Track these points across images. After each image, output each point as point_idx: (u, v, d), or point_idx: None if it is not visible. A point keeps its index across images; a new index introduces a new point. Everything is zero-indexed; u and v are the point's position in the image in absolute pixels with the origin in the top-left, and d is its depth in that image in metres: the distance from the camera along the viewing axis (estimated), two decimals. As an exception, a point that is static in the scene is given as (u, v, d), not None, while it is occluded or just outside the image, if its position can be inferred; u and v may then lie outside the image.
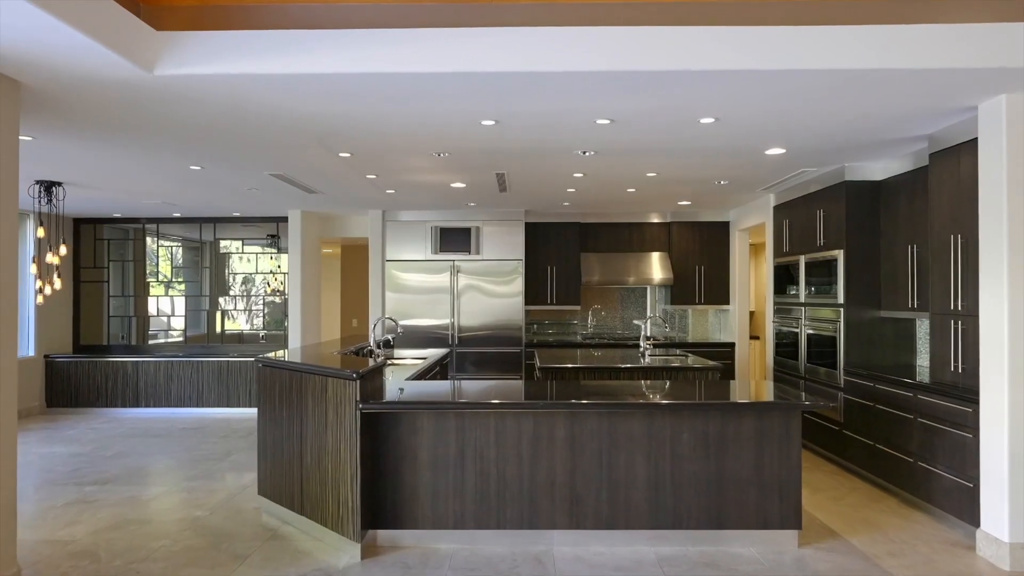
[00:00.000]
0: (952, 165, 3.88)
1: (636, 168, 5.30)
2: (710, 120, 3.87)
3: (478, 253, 7.76)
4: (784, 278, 6.23)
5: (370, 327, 5.83)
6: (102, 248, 8.53)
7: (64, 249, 6.18)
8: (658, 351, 6.08)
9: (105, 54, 2.80)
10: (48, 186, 6.06)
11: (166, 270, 8.62)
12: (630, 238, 8.12)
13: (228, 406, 7.86)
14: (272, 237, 8.51)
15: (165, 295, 8.60)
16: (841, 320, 5.08)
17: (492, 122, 3.88)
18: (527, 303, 7.95)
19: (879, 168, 5.09)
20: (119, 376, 7.95)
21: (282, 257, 8.48)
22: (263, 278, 8.60)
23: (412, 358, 5.84)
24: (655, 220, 8.11)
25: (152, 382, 7.93)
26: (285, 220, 8.30)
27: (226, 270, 8.58)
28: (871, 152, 4.74)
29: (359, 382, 3.43)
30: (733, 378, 7.66)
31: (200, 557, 3.48)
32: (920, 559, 3.42)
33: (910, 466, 4.17)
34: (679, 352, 6.04)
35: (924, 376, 4.33)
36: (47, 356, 7.95)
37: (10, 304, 3.05)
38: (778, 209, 6.43)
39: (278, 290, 8.56)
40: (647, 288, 8.43)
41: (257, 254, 8.56)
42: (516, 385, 4.06)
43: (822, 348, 5.39)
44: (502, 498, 3.56)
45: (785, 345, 6.17)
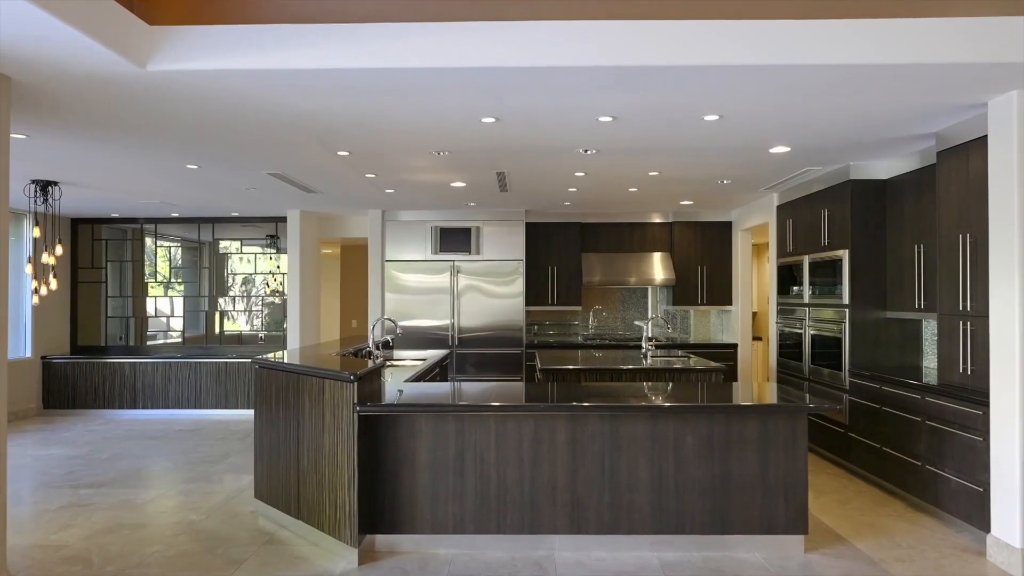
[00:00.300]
0: (961, 163, 3.82)
1: (638, 167, 5.23)
2: (713, 117, 3.80)
3: (478, 253, 7.69)
4: (787, 278, 6.16)
5: (369, 328, 5.76)
6: (100, 248, 8.48)
7: (60, 249, 6.12)
8: (660, 352, 6.02)
9: (96, 49, 2.75)
10: (44, 185, 6.01)
11: (164, 270, 8.57)
12: (631, 238, 8.06)
13: (226, 408, 7.79)
14: (271, 237, 8.46)
15: (164, 296, 8.54)
16: (846, 321, 5.02)
17: (492, 119, 3.82)
18: (528, 304, 7.89)
19: (884, 167, 5.03)
20: (116, 377, 7.89)
21: (281, 258, 8.42)
22: (262, 279, 8.54)
23: (412, 359, 5.78)
24: (657, 220, 8.04)
25: (150, 383, 7.87)
26: (284, 220, 8.24)
27: (225, 271, 8.52)
28: (876, 150, 4.67)
29: (356, 384, 3.37)
30: (736, 379, 7.59)
31: (194, 562, 3.42)
32: (929, 565, 3.35)
33: (917, 469, 4.10)
34: (681, 353, 5.98)
35: (931, 378, 4.26)
36: (44, 357, 7.90)
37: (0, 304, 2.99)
38: (781, 209, 6.37)
39: (277, 291, 8.50)
40: (648, 288, 8.37)
41: (256, 254, 8.50)
42: (517, 387, 4.00)
43: (826, 349, 5.32)
44: (502, 502, 3.50)
45: (789, 346, 6.10)
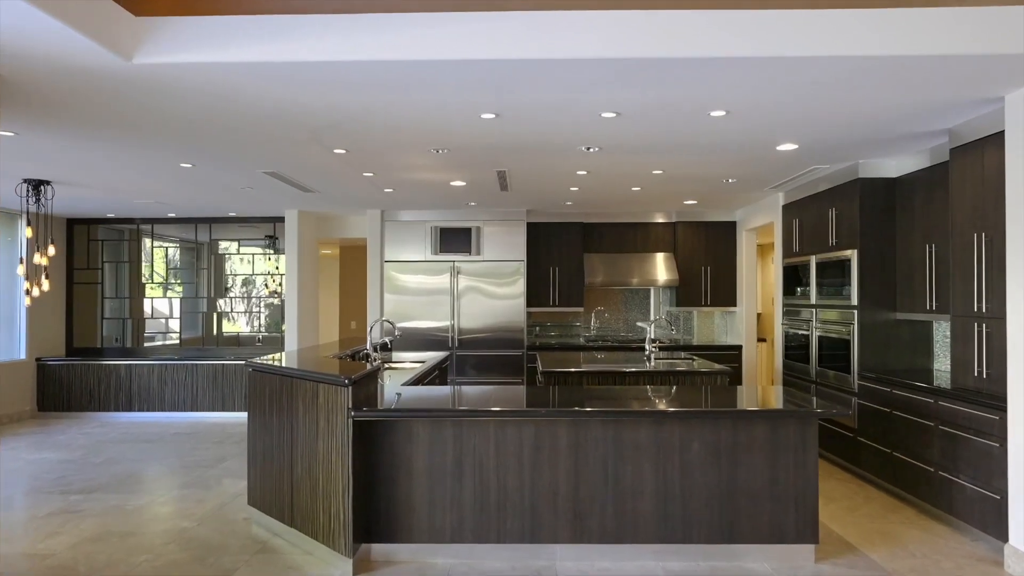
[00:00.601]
0: (975, 160, 3.70)
1: (642, 165, 5.12)
2: (720, 113, 3.69)
3: (479, 254, 7.58)
4: (794, 279, 6.04)
5: (367, 330, 5.66)
6: (96, 249, 8.38)
7: (52, 249, 6.02)
8: (664, 354, 5.90)
9: (80, 41, 2.64)
10: (36, 185, 5.91)
11: (162, 271, 8.46)
12: (634, 238, 7.95)
13: (223, 410, 7.69)
14: (270, 238, 8.35)
15: (162, 297, 8.43)
16: (855, 322, 4.90)
17: (492, 115, 3.71)
18: (529, 305, 7.78)
19: (894, 165, 4.91)
20: (112, 379, 7.78)
21: (280, 258, 8.32)
22: (261, 279, 8.43)
23: (411, 361, 5.67)
24: (660, 220, 7.93)
25: (145, 386, 7.77)
26: (282, 220, 8.13)
27: (223, 271, 8.42)
28: (887, 148, 4.56)
29: (351, 388, 3.26)
30: (740, 382, 7.47)
31: (184, 572, 3.31)
32: (944, 575, 3.23)
33: (930, 475, 3.98)
34: (685, 355, 5.86)
35: (943, 381, 4.14)
36: (39, 359, 7.80)
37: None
38: (787, 208, 6.25)
39: (276, 292, 8.39)
40: (651, 290, 8.25)
41: (254, 255, 8.40)
42: (517, 390, 3.88)
43: (834, 351, 5.21)
44: (502, 510, 3.38)
45: (795, 348, 5.99)
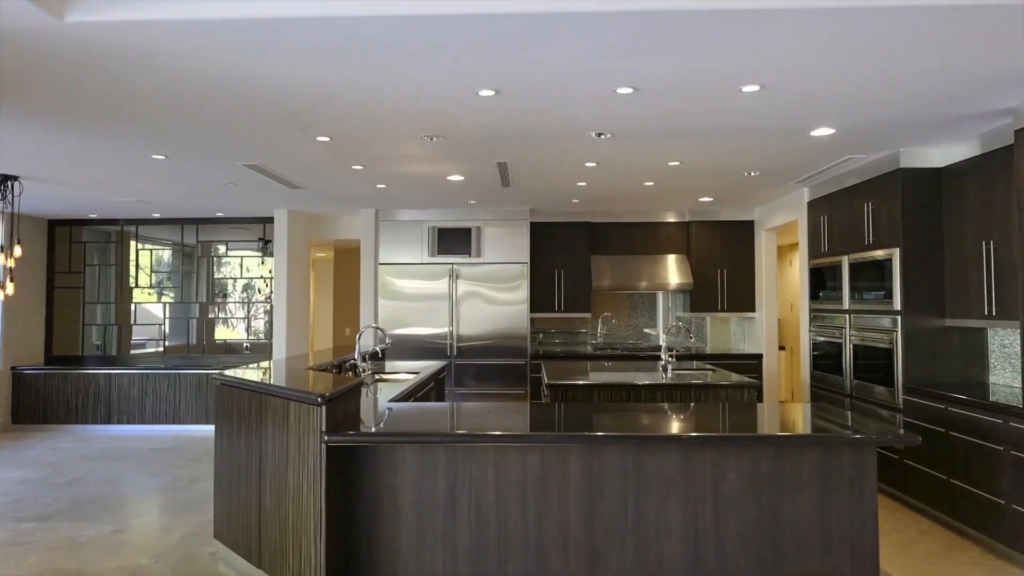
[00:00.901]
0: (1050, 142, 3.20)
1: (658, 155, 4.63)
2: (753, 88, 3.20)
3: (479, 256, 7.10)
4: (822, 282, 5.54)
5: (357, 337, 5.18)
6: (79, 252, 7.93)
7: (19, 250, 5.57)
8: (680, 364, 5.40)
9: (-13, -12, 2.18)
10: (2, 180, 5.46)
11: (147, 275, 7.99)
12: (644, 239, 7.45)
13: (206, 423, 7.20)
14: (264, 241, 7.87)
15: (150, 302, 7.96)
16: (898, 330, 4.38)
17: (491, 92, 3.23)
18: (532, 310, 7.29)
19: (939, 154, 4.41)
20: (91, 390, 7.32)
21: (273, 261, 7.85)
22: (254, 284, 7.96)
23: (405, 372, 5.18)
24: (671, 220, 7.43)
25: (126, 396, 7.29)
26: (273, 221, 7.67)
27: (211, 275, 7.95)
28: (933, 134, 4.06)
29: (325, 408, 2.77)
30: (761, 396, 6.95)
31: (129, 624, 2.82)
32: (1028, 631, 2.71)
33: (1000, 508, 3.45)
34: (701, 366, 5.35)
35: (1001, 396, 3.63)
36: (14, 368, 7.34)
37: None
38: (814, 204, 5.75)
39: (271, 297, 7.91)
40: (660, 294, 7.74)
41: (243, 258, 7.92)
42: (519, 408, 3.39)
43: (873, 361, 4.69)
44: (503, 551, 2.88)
45: (825, 357, 5.47)
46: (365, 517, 2.92)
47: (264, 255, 7.84)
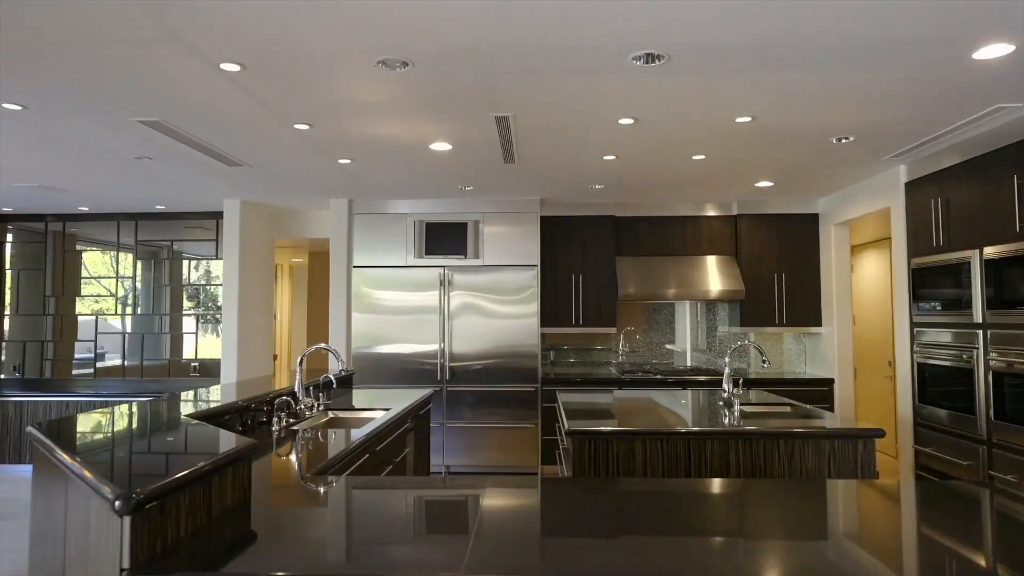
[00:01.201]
0: None
1: (727, 103, 3.23)
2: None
3: (477, 257, 5.71)
4: (932, 286, 4.11)
5: (295, 364, 3.83)
6: (1, 253, 6.61)
7: None
8: (748, 398, 3.97)
9: None
10: None
11: (78, 281, 6.64)
12: (683, 237, 6.04)
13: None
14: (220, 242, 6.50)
15: (86, 314, 6.61)
16: (1092, 353, 2.95)
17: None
18: (544, 324, 5.89)
19: None
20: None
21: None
22: (212, 291, 6.60)
23: (372, 409, 3.79)
24: (714, 213, 6.02)
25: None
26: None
27: (162, 281, 6.59)
28: None
29: (131, 521, 1.37)
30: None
31: None
32: None
33: None
34: (760, 396, 3.91)
35: None
36: (-92, 395, 6.00)
37: None
38: (917, 185, 4.33)
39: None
40: (688, 305, 6.31)
41: (190, 260, 6.57)
42: (515, 492, 1.99)
43: (1038, 399, 3.25)
44: None
45: (939, 385, 4.02)
46: None
47: (218, 257, 6.49)
